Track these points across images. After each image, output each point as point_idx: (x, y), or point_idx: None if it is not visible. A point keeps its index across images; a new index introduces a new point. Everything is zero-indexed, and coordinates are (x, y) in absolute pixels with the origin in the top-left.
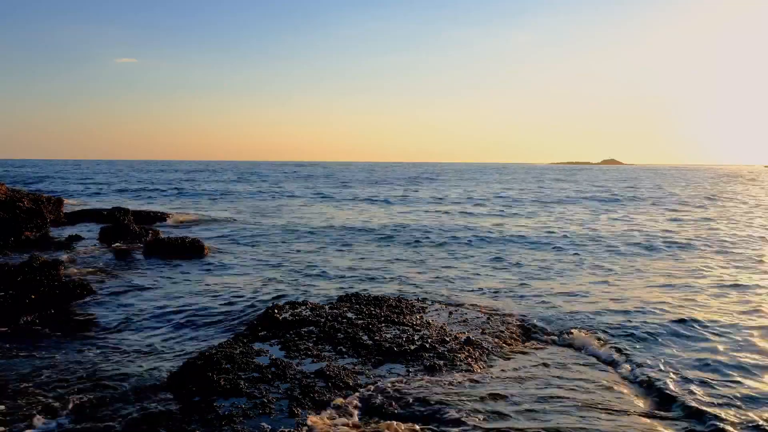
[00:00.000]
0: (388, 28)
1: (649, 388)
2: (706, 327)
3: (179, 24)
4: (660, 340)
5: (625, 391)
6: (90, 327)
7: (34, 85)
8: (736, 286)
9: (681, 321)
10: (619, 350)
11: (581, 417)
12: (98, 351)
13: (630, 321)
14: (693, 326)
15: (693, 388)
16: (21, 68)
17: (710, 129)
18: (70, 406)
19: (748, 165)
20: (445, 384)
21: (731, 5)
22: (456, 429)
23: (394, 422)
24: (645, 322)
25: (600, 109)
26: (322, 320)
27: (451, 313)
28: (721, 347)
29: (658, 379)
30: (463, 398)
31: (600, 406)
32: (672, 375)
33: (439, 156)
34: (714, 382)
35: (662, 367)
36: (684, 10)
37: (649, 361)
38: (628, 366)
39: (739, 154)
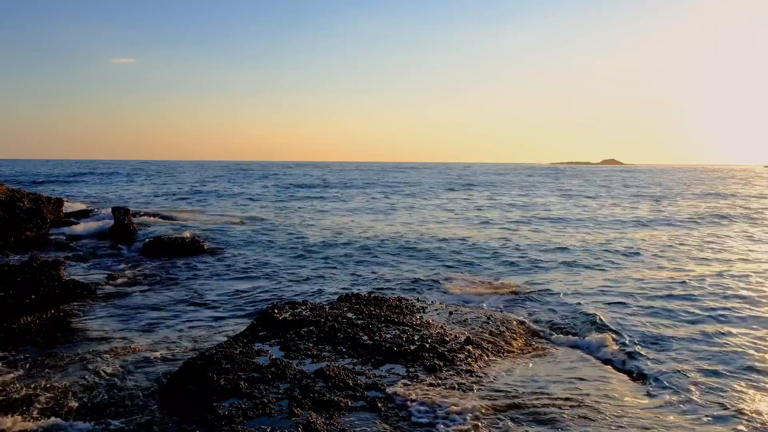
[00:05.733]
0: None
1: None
2: None
3: (177, 24)
4: None
5: (628, 390)
6: (89, 327)
7: (31, 85)
8: None
9: None
10: (630, 353)
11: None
12: (98, 352)
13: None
14: None
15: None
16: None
17: (709, 129)
18: (71, 405)
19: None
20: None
21: (731, 5)
22: None
23: None
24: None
25: (600, 109)
26: (322, 320)
27: (451, 313)
28: None
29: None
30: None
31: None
32: None
33: (438, 156)
34: None
35: None
36: (684, 10)
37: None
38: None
39: (739, 154)
